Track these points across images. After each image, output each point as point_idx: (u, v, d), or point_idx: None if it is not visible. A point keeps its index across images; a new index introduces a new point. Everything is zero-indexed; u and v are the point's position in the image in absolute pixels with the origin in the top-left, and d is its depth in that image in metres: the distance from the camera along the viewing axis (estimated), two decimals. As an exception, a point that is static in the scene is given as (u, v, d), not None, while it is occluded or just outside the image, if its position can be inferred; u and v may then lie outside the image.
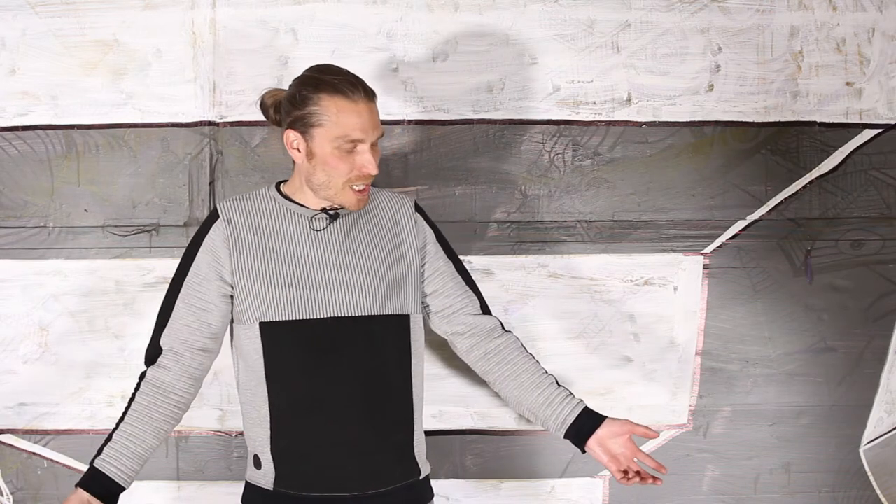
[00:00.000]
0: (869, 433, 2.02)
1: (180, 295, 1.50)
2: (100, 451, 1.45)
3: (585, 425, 1.51)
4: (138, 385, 1.50)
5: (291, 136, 1.47)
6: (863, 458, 2.03)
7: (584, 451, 1.53)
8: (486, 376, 1.62)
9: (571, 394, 1.56)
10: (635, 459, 1.50)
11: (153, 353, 1.51)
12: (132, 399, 1.49)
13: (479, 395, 1.96)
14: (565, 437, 1.53)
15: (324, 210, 1.51)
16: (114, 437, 1.46)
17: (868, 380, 2.01)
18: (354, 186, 1.46)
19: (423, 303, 1.61)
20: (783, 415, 2.00)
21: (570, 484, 2.00)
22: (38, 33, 1.86)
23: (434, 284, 1.60)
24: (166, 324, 1.51)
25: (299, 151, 1.47)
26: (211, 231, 1.51)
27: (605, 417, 1.52)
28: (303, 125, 1.45)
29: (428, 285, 1.60)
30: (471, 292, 1.63)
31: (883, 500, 2.04)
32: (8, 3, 1.86)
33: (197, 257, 1.50)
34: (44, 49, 1.87)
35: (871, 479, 2.03)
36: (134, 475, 1.46)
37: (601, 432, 1.50)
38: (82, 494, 1.40)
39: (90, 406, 1.91)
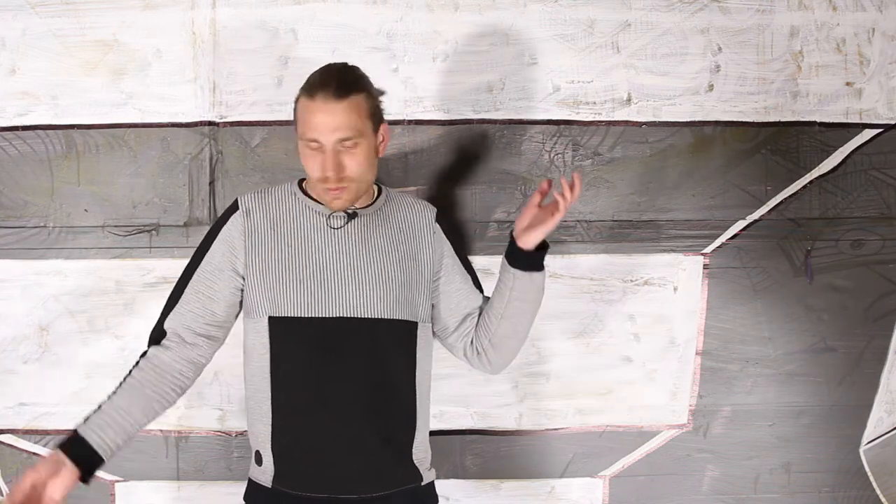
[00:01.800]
0: (869, 433, 2.02)
1: (191, 282, 1.50)
2: (86, 420, 1.42)
3: (511, 242, 1.51)
4: (137, 362, 1.49)
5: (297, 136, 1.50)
6: (863, 458, 2.03)
7: (527, 255, 1.48)
8: (483, 346, 1.59)
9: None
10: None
11: (157, 336, 1.51)
12: (128, 374, 1.48)
13: (479, 395, 1.97)
14: (513, 265, 1.50)
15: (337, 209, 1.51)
16: (102, 407, 1.43)
17: (868, 380, 2.01)
18: (327, 186, 1.45)
19: (433, 318, 1.60)
20: (783, 415, 2.00)
21: (570, 484, 2.00)
22: (38, 33, 1.86)
23: (449, 300, 1.59)
24: (173, 308, 1.50)
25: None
26: (229, 222, 1.52)
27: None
28: (295, 126, 1.48)
29: (442, 300, 1.59)
30: (482, 300, 1.62)
31: (883, 500, 2.04)
32: (8, 3, 1.86)
33: (212, 247, 1.51)
34: (44, 49, 1.87)
35: (871, 479, 2.03)
36: (116, 449, 1.40)
37: (517, 225, 1.49)
38: (58, 455, 1.35)
39: (90, 406, 1.88)
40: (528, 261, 1.50)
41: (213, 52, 1.88)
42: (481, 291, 1.64)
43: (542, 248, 1.50)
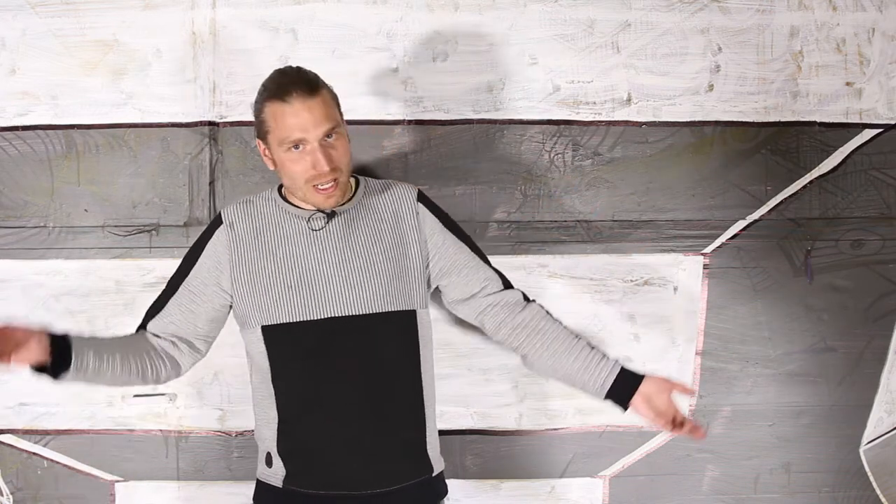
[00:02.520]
0: (869, 433, 2.02)
1: (175, 294, 1.53)
2: (79, 334, 1.42)
3: (626, 385, 1.50)
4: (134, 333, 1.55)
5: (261, 145, 1.50)
6: (863, 458, 2.03)
7: (625, 409, 1.51)
8: (518, 351, 1.60)
9: (606, 355, 1.54)
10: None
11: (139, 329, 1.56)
12: (124, 335, 1.54)
13: (479, 395, 1.97)
14: (606, 398, 1.52)
15: (321, 209, 1.51)
16: (95, 336, 1.46)
17: (868, 380, 2.01)
18: (318, 185, 1.45)
19: (442, 292, 1.61)
20: (783, 415, 2.00)
21: (570, 484, 2.00)
22: (38, 33, 1.86)
23: (451, 274, 1.58)
24: (156, 315, 1.54)
25: (269, 159, 1.50)
26: (214, 237, 1.53)
27: (643, 376, 1.51)
28: (261, 134, 1.47)
29: (445, 276, 1.59)
30: (489, 271, 1.61)
31: (883, 500, 2.04)
32: (8, 3, 1.86)
33: (198, 261, 1.52)
34: (44, 49, 1.87)
35: (871, 479, 2.03)
36: (83, 367, 1.37)
37: (645, 389, 1.49)
38: (42, 334, 1.32)
39: (90, 406, 1.92)
40: (620, 403, 1.52)
41: (213, 52, 1.88)
42: (479, 252, 1.62)
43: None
